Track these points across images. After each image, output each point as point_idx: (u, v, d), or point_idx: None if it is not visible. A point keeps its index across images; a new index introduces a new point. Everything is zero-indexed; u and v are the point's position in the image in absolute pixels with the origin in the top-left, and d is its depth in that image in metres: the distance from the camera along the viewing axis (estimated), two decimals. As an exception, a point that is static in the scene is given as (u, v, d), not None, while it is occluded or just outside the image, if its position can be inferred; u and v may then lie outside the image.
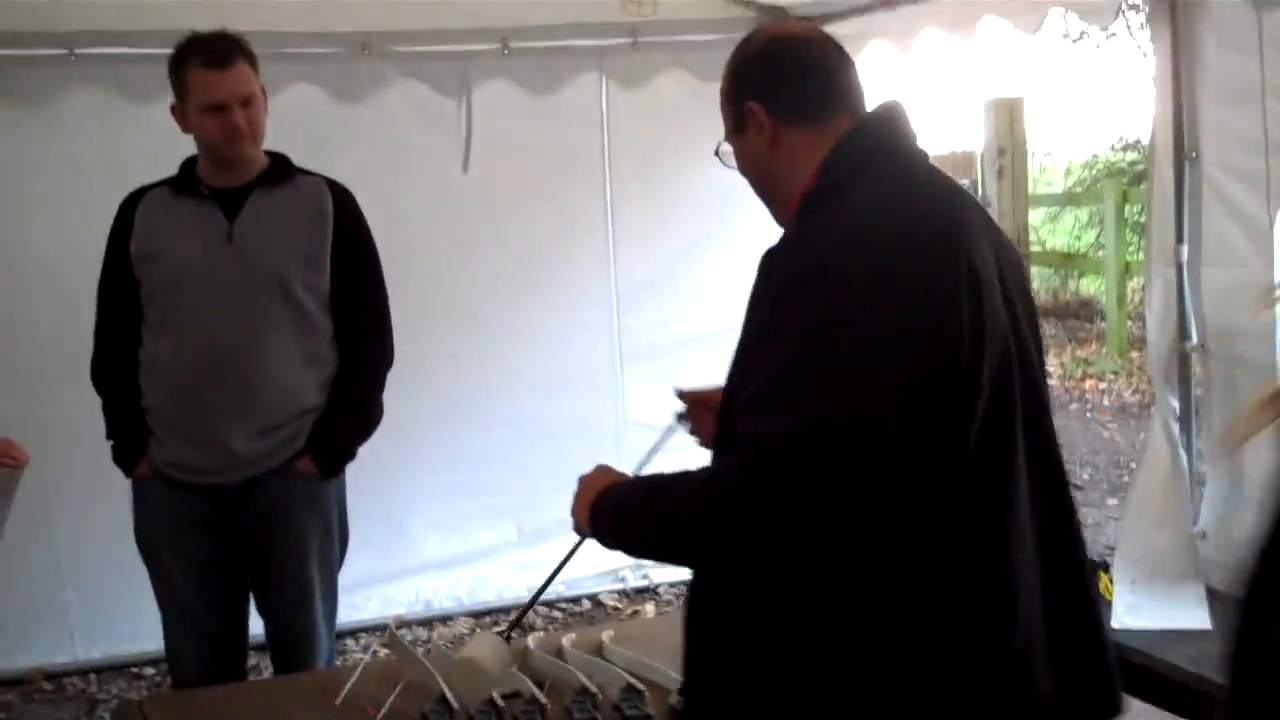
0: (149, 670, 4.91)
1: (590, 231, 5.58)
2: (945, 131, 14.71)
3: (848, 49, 2.08)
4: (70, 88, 4.76)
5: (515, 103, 5.32)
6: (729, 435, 1.86)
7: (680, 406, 2.34)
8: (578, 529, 2.08)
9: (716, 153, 2.09)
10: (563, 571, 6.41)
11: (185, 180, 3.37)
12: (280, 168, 3.39)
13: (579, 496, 2.06)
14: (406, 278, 3.90)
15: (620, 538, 1.99)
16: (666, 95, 5.50)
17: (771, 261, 1.88)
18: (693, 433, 2.34)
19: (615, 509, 1.97)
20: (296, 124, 3.72)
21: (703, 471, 1.87)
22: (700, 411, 2.30)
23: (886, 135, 1.97)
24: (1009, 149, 6.96)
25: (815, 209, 1.90)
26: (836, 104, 1.97)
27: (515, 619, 2.33)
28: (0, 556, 3.48)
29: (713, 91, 6.75)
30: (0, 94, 4.70)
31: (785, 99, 1.97)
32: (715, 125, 2.12)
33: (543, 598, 5.58)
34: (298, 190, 3.38)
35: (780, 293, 1.83)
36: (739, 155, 2.06)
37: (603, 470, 2.08)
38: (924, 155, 1.99)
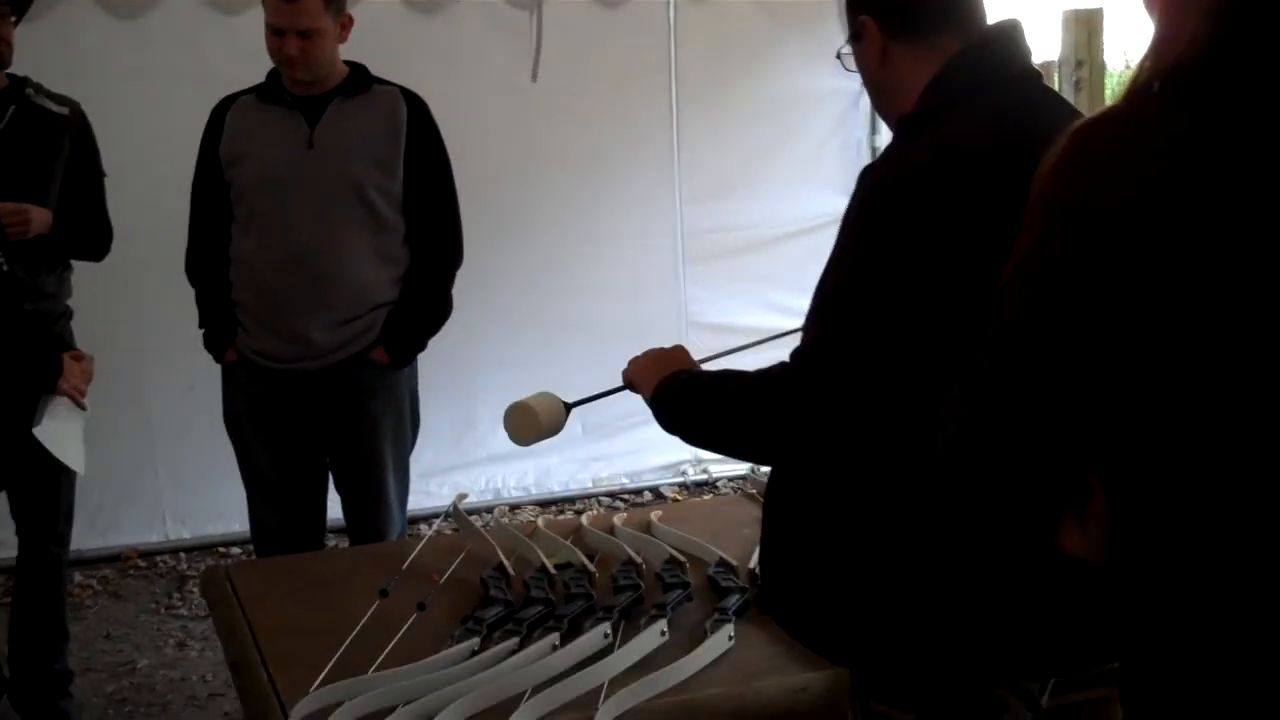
0: (235, 550, 5.16)
1: (656, 139, 5.70)
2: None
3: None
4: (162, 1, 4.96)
5: (585, 13, 5.43)
6: None
7: None
8: (630, 384, 2.19)
9: (838, 55, 2.04)
10: (626, 463, 6.51)
11: (271, 88, 3.55)
12: (358, 77, 3.56)
13: (650, 361, 2.15)
14: (477, 183, 4.01)
15: (677, 416, 2.03)
16: (734, 8, 5.59)
17: (864, 179, 1.85)
18: None
19: (681, 388, 2.02)
20: (371, 33, 3.87)
21: (762, 369, 1.89)
22: None
23: (998, 59, 1.87)
24: (1087, 61, 6.85)
25: (913, 132, 1.85)
26: (949, 22, 1.89)
27: (584, 400, 2.51)
28: (97, 443, 3.70)
29: (780, 5, 6.77)
30: (96, 5, 4.90)
31: (895, 15, 1.91)
32: (781, 39, 2.03)
33: (606, 488, 5.80)
34: (374, 99, 3.55)
35: (859, 208, 1.81)
36: (856, 63, 2.00)
37: (681, 351, 2.17)
38: (1038, 77, 1.92)
